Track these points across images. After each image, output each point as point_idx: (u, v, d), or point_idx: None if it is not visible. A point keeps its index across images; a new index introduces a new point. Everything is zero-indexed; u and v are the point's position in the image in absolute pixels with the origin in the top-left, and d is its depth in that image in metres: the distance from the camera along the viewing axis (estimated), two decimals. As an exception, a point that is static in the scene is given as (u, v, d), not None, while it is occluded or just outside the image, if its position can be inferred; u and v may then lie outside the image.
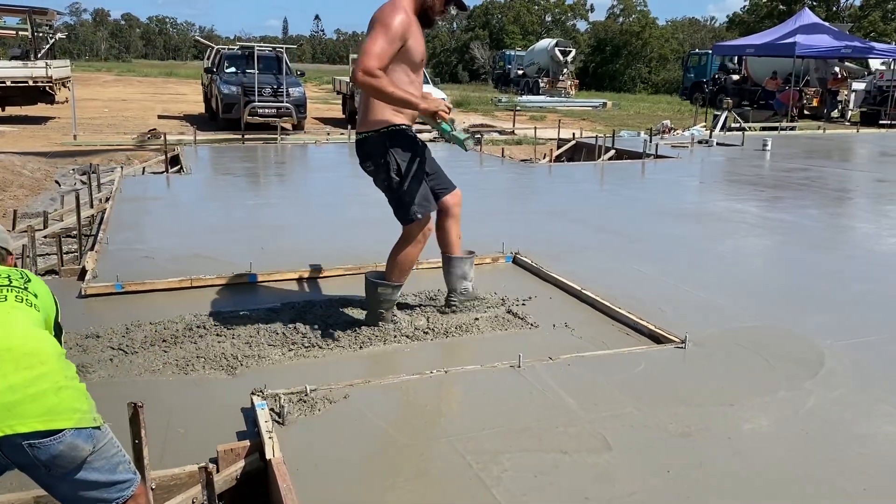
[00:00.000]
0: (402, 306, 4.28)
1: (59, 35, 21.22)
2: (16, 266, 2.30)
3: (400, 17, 3.52)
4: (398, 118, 3.77)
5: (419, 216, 3.86)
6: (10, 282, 2.12)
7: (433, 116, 3.68)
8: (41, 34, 18.86)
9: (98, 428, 2.00)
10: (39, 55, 17.66)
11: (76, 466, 1.95)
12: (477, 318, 4.18)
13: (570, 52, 35.98)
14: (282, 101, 16.21)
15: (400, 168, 3.79)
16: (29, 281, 2.17)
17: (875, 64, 23.65)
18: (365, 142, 3.84)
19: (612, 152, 12.53)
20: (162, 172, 10.47)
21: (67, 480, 1.97)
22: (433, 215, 4.01)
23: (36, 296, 2.13)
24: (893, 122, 20.27)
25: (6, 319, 1.99)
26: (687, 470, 2.65)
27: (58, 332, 2.25)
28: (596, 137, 13.14)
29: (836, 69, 24.13)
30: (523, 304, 4.45)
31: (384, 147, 3.78)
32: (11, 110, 17.31)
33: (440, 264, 4.33)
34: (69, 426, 1.90)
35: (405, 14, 3.55)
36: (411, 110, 3.71)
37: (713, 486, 2.57)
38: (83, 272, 4.92)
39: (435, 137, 14.96)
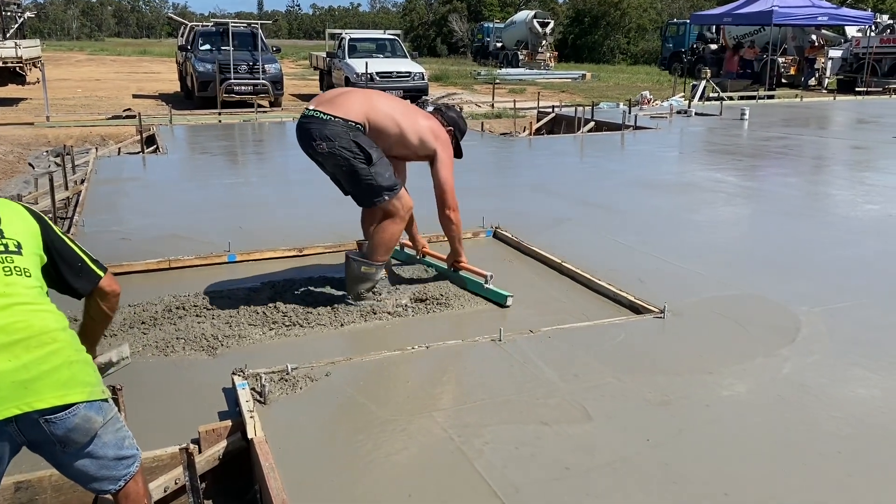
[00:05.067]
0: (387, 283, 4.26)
1: (27, 14, 20.79)
2: None
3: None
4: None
5: (387, 198, 3.85)
6: None
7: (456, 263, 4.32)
8: (9, 13, 18.48)
9: (106, 400, 2.01)
10: (8, 35, 17.31)
11: (89, 440, 1.95)
12: (456, 294, 4.19)
13: (549, 23, 35.74)
14: (258, 78, 16.02)
15: (368, 154, 3.76)
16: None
17: (851, 31, 23.73)
18: (327, 123, 3.75)
19: (592, 124, 12.52)
20: (138, 153, 10.33)
21: (80, 456, 1.98)
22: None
23: (19, 245, 2.07)
24: (870, 90, 20.39)
25: (7, 299, 1.96)
26: (666, 438, 2.69)
27: (57, 247, 2.23)
28: (575, 109, 13.11)
29: (813, 37, 24.19)
30: (504, 278, 4.46)
31: (348, 136, 3.74)
32: (-19, 92, 16.97)
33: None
34: (82, 399, 1.91)
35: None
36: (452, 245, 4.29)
37: (692, 452, 2.61)
38: (59, 255, 4.85)
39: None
